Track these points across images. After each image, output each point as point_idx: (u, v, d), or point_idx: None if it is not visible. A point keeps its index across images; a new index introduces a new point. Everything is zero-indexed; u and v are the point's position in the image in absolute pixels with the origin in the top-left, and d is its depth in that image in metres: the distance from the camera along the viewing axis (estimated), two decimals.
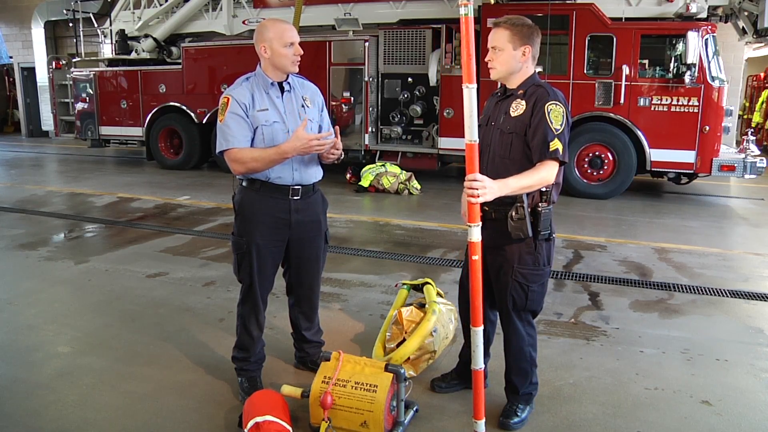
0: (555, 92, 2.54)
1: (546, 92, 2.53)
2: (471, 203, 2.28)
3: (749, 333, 3.82)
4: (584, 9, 8.08)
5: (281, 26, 2.74)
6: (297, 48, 2.75)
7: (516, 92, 2.61)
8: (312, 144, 2.69)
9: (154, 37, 11.34)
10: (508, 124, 2.58)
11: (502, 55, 2.57)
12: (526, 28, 2.57)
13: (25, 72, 17.70)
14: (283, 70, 2.78)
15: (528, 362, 2.75)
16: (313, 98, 2.93)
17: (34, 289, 4.52)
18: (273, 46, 2.71)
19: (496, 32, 2.58)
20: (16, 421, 2.73)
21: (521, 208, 2.48)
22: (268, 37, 2.71)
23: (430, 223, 6.77)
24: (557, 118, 2.47)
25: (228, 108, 2.72)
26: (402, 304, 3.43)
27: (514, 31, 2.55)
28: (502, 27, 2.56)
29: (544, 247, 2.61)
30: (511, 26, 2.55)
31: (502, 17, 2.61)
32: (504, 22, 2.57)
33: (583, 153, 8.32)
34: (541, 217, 2.51)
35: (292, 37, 2.72)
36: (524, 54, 2.56)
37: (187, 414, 2.80)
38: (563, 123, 2.49)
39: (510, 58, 2.56)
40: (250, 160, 2.71)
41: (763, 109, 14.05)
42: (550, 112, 2.47)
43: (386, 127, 9.46)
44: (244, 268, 2.86)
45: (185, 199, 8.16)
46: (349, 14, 9.72)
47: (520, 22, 2.57)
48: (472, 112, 2.20)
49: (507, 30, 2.55)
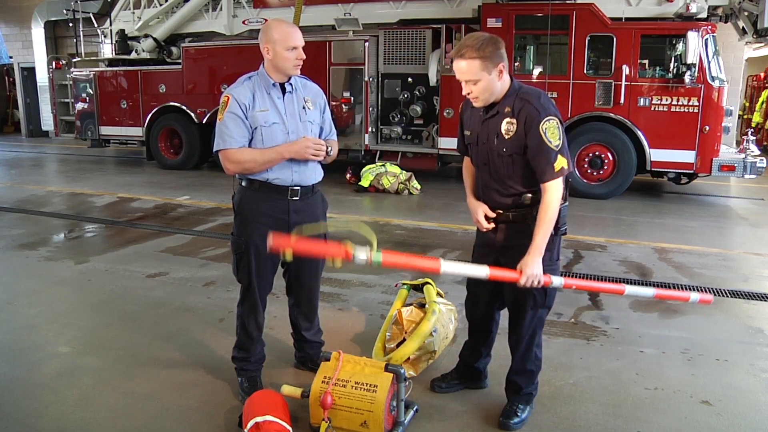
0: (542, 105, 2.45)
1: (535, 110, 2.43)
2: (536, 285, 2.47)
3: (749, 333, 3.82)
4: (584, 9, 8.08)
5: (286, 29, 2.73)
6: (299, 52, 2.74)
7: (503, 111, 2.53)
8: (308, 152, 2.74)
9: (154, 37, 11.34)
10: (505, 147, 2.53)
11: (480, 84, 2.47)
12: (491, 47, 2.43)
13: (25, 72, 17.69)
14: (284, 73, 2.78)
15: (535, 364, 2.75)
16: (315, 100, 2.93)
17: (34, 289, 4.52)
18: (276, 49, 2.70)
19: (466, 65, 2.44)
20: (16, 421, 2.73)
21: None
22: (272, 38, 2.70)
23: (430, 223, 6.77)
24: (554, 135, 2.42)
25: (227, 107, 2.72)
26: (402, 304, 3.43)
27: (484, 57, 2.41)
28: (469, 58, 2.42)
29: (556, 243, 2.62)
30: (478, 53, 2.41)
31: (461, 46, 2.45)
32: (468, 52, 2.42)
33: (583, 153, 8.32)
34: (560, 214, 2.51)
35: (295, 41, 2.71)
36: (500, 72, 2.47)
37: (187, 414, 2.80)
38: (560, 135, 2.44)
39: (489, 84, 2.47)
40: (246, 160, 2.73)
41: (763, 109, 14.04)
42: (546, 132, 2.41)
43: (386, 127, 9.46)
44: (243, 268, 2.87)
45: (185, 199, 8.16)
46: (349, 14, 9.72)
47: (484, 45, 2.42)
48: None
49: (476, 60, 2.41)
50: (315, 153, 2.77)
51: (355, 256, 2.24)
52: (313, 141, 2.77)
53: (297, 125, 2.81)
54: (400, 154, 9.48)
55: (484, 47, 2.42)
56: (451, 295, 3.83)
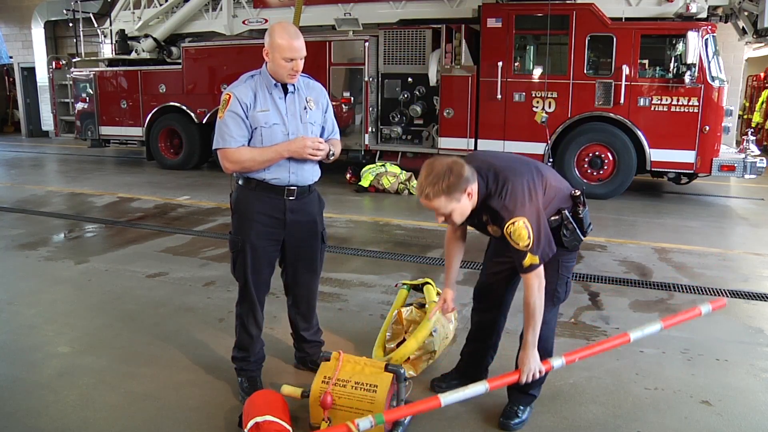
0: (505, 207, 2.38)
1: (500, 216, 2.40)
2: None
3: (749, 333, 3.82)
4: (584, 9, 8.07)
5: (287, 40, 2.68)
6: (296, 64, 2.71)
7: (481, 219, 2.54)
8: (306, 151, 2.74)
9: (154, 37, 11.33)
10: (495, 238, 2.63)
11: (454, 214, 2.41)
12: (453, 179, 2.32)
13: (25, 72, 17.69)
14: (279, 79, 2.76)
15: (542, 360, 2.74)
16: (317, 99, 2.91)
17: (34, 289, 4.52)
18: (274, 55, 2.69)
19: (434, 203, 2.35)
20: (16, 421, 2.73)
21: (570, 224, 2.57)
22: (273, 44, 2.68)
23: (430, 223, 6.77)
24: (520, 236, 2.36)
25: (228, 106, 2.71)
26: (402, 304, 3.43)
27: (448, 192, 2.33)
28: (434, 197, 2.34)
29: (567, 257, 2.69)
30: (444, 192, 2.33)
31: (421, 186, 2.36)
32: (429, 190, 2.33)
33: (583, 153, 8.32)
34: (584, 220, 2.62)
35: (293, 53, 2.68)
36: (469, 195, 2.39)
37: (187, 414, 2.80)
38: (529, 233, 2.36)
39: (463, 210, 2.42)
40: (246, 160, 2.73)
41: (763, 109, 14.04)
42: (511, 235, 2.38)
43: (386, 127, 9.46)
44: (239, 267, 2.87)
45: (185, 199, 8.16)
46: (349, 14, 9.72)
47: (446, 180, 2.31)
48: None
49: (442, 197, 2.34)
50: (313, 153, 2.76)
51: (359, 428, 2.22)
52: (310, 140, 2.76)
53: (298, 126, 2.81)
54: (400, 154, 9.48)
55: (446, 181, 2.32)
56: None
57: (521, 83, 8.47)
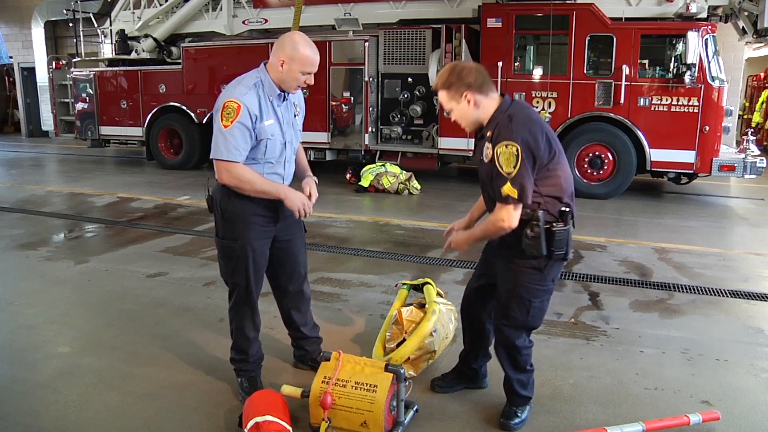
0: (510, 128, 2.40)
1: (499, 133, 2.41)
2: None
3: (749, 333, 3.81)
4: (584, 9, 8.08)
5: (310, 54, 2.65)
6: (310, 78, 2.71)
7: (486, 135, 2.52)
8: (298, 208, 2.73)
9: (154, 37, 11.33)
10: (485, 170, 2.53)
11: (454, 113, 2.56)
12: (453, 77, 2.49)
13: (25, 72, 17.70)
14: (284, 89, 2.74)
15: (524, 373, 2.72)
16: (301, 104, 2.93)
17: (34, 289, 4.52)
18: (291, 66, 2.64)
19: (439, 95, 2.56)
20: (16, 421, 2.73)
21: (537, 227, 2.42)
22: (292, 56, 2.63)
23: (430, 223, 6.77)
24: (508, 162, 2.36)
25: (238, 116, 2.60)
26: (402, 304, 3.43)
27: (447, 87, 2.50)
28: (440, 90, 2.54)
29: (551, 266, 2.54)
30: (443, 86, 2.51)
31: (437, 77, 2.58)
32: (438, 82, 2.55)
33: (583, 153, 8.32)
34: (555, 237, 2.44)
35: (314, 67, 2.68)
36: (469, 101, 2.48)
37: (187, 414, 2.80)
38: (517, 163, 2.35)
39: (463, 113, 2.53)
40: (245, 180, 2.67)
41: (763, 109, 14.04)
42: (499, 156, 2.38)
43: (386, 127, 9.46)
44: (240, 271, 2.82)
45: (185, 199, 8.16)
46: (349, 14, 9.72)
47: (446, 75, 2.51)
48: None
49: (442, 91, 2.53)
50: (301, 213, 2.76)
51: None
52: (308, 202, 2.77)
53: (291, 134, 2.82)
54: (400, 154, 9.48)
55: (447, 77, 2.50)
56: (451, 295, 3.83)
57: (521, 83, 8.47)
